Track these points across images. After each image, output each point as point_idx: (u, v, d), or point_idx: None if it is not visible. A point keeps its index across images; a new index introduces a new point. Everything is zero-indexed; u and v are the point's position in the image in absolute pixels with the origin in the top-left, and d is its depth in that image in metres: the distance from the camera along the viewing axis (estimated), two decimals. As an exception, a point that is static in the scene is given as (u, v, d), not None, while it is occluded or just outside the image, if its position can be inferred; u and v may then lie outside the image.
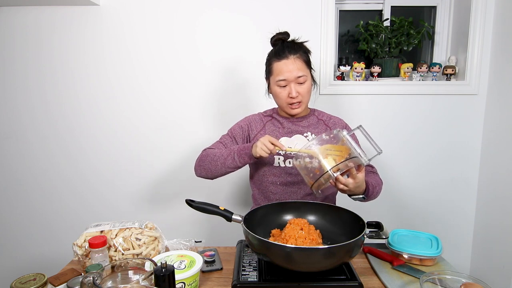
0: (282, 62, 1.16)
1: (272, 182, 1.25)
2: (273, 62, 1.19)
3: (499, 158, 1.73)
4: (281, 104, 1.24)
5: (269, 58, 1.22)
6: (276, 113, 1.32)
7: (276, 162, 1.23)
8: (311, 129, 1.27)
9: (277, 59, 1.17)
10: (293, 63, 1.16)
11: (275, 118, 1.30)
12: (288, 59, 1.16)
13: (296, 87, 1.17)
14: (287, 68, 1.16)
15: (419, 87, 1.80)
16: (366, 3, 1.92)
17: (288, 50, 1.17)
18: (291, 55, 1.16)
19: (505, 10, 1.66)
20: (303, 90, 1.18)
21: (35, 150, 1.86)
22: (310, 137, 1.25)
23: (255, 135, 1.28)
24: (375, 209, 1.89)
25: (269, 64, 1.22)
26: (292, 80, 1.16)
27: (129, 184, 1.89)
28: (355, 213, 1.02)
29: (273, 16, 1.73)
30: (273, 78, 1.20)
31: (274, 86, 1.21)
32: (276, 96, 1.22)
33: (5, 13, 1.74)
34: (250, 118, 1.33)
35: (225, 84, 1.80)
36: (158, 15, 1.74)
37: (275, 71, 1.18)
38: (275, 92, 1.21)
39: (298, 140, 1.24)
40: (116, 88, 1.81)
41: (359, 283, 0.90)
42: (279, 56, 1.17)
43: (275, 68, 1.18)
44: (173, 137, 1.85)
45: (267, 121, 1.30)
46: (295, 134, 1.25)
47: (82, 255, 0.99)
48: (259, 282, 0.91)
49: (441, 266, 1.05)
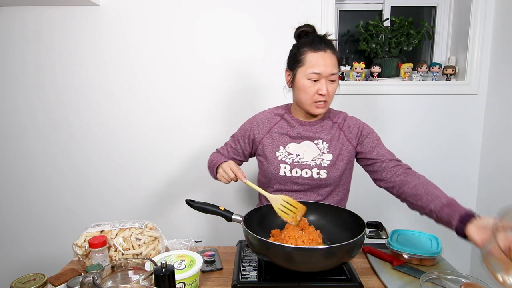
0: (319, 54, 1.06)
1: (277, 189, 1.20)
2: (307, 52, 1.07)
3: (499, 158, 1.73)
4: (305, 101, 1.11)
5: (300, 47, 1.10)
6: (288, 113, 1.22)
7: (282, 171, 1.16)
8: (324, 135, 1.17)
9: (313, 50, 1.07)
10: (329, 57, 1.07)
11: (285, 119, 1.21)
12: (326, 53, 1.06)
13: (327, 85, 1.08)
14: (324, 61, 1.05)
15: (419, 87, 1.80)
16: (366, 3, 1.92)
17: (325, 42, 1.08)
18: (327, 49, 1.07)
19: (505, 10, 1.66)
20: (332, 89, 1.10)
21: (35, 150, 1.86)
22: (321, 145, 1.17)
23: (261, 139, 1.21)
24: (375, 209, 1.89)
25: (300, 54, 1.09)
26: (326, 75, 1.07)
27: (129, 184, 1.89)
28: (355, 213, 1.02)
29: (273, 16, 1.73)
30: (304, 70, 1.08)
31: (302, 79, 1.09)
32: (303, 90, 1.10)
33: (5, 13, 1.74)
34: (257, 118, 1.24)
35: (226, 84, 1.80)
36: (158, 15, 1.74)
37: (309, 62, 1.07)
38: (303, 85, 1.09)
39: (308, 147, 1.16)
40: (116, 88, 1.80)
41: (359, 283, 0.90)
42: (316, 47, 1.06)
43: (309, 59, 1.07)
44: (173, 137, 1.85)
45: (276, 123, 1.21)
46: (304, 140, 1.17)
47: (82, 255, 0.99)
48: (259, 282, 0.91)
49: (441, 266, 1.05)
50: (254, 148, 1.25)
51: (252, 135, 1.23)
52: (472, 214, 0.86)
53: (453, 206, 0.90)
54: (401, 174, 1.07)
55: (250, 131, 1.23)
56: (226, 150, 1.29)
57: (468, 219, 0.85)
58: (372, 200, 1.77)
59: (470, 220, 0.84)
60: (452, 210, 0.89)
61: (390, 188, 1.10)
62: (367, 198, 1.72)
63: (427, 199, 0.96)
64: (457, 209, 0.89)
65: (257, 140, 1.22)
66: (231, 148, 1.28)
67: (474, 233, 0.81)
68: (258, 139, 1.22)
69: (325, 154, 1.16)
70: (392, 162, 1.10)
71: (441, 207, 0.92)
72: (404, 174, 1.06)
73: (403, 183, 1.04)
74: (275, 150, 1.18)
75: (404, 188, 1.03)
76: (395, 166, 1.09)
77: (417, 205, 0.99)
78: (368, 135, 1.17)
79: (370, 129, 1.20)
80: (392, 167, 1.09)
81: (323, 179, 1.15)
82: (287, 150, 1.17)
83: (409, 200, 1.02)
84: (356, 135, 1.18)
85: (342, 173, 1.17)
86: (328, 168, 1.15)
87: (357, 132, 1.18)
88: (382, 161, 1.11)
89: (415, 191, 1.00)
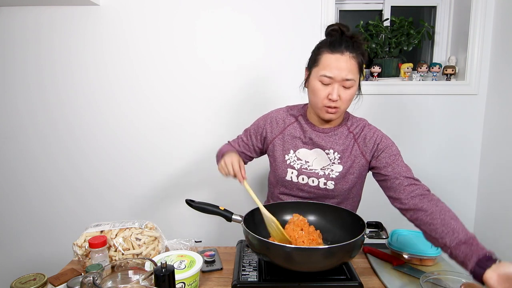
0: (334, 56, 1.00)
1: (282, 192, 1.18)
2: (323, 52, 1.02)
3: (499, 158, 1.73)
4: (315, 104, 1.07)
5: (320, 47, 1.05)
6: (303, 115, 1.17)
7: (289, 176, 1.14)
8: (336, 146, 1.11)
9: (330, 51, 1.01)
10: (346, 61, 1.00)
11: (300, 122, 1.16)
12: (343, 55, 1.00)
13: (339, 90, 1.01)
14: (337, 64, 1.00)
15: (419, 87, 1.80)
16: (366, 3, 1.92)
17: (345, 44, 1.00)
18: (347, 52, 1.00)
19: (505, 10, 1.66)
20: (346, 95, 1.03)
21: (35, 150, 1.86)
22: (331, 156, 1.12)
23: (273, 139, 1.17)
24: (375, 209, 1.89)
25: (318, 53, 1.04)
26: (338, 80, 1.01)
27: (129, 184, 1.89)
28: (355, 213, 1.02)
29: (273, 16, 1.73)
30: (317, 71, 1.03)
31: (314, 80, 1.04)
32: (314, 92, 1.05)
33: (5, 13, 1.74)
34: (272, 116, 1.20)
35: (226, 84, 1.80)
36: (158, 15, 1.74)
37: (323, 64, 1.02)
38: (314, 87, 1.05)
39: (318, 156, 1.12)
40: (116, 88, 1.80)
41: (359, 283, 0.90)
42: (333, 48, 1.01)
43: (324, 60, 1.02)
44: (173, 137, 1.85)
45: (290, 124, 1.16)
46: (315, 148, 1.13)
47: (82, 255, 0.99)
48: (259, 282, 0.91)
49: (441, 266, 1.05)
50: (265, 146, 1.22)
51: (265, 133, 1.19)
52: (492, 257, 0.79)
53: (471, 245, 0.82)
54: (417, 196, 0.97)
55: (264, 129, 1.20)
56: (238, 143, 1.25)
57: (487, 264, 0.78)
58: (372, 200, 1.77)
59: (490, 265, 0.77)
60: (469, 250, 0.82)
61: (404, 211, 1.00)
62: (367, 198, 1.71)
63: (442, 231, 0.88)
64: (475, 250, 0.81)
65: (268, 139, 1.19)
66: (242, 142, 1.24)
67: (494, 281, 0.75)
68: (270, 138, 1.18)
69: (335, 165, 1.11)
70: (408, 180, 1.01)
71: (458, 243, 0.84)
72: (420, 197, 0.97)
73: (418, 208, 0.95)
74: (285, 153, 1.16)
75: (419, 215, 0.94)
76: (410, 185, 1.00)
77: (431, 236, 0.91)
78: (385, 149, 1.08)
79: (388, 142, 1.10)
80: (407, 186, 1.00)
81: (330, 190, 1.11)
82: (297, 155, 1.14)
83: (422, 228, 0.94)
84: (371, 149, 1.10)
85: (351, 187, 1.12)
86: (336, 180, 1.10)
87: (373, 145, 1.10)
88: (396, 177, 1.02)
89: (430, 219, 0.91)
